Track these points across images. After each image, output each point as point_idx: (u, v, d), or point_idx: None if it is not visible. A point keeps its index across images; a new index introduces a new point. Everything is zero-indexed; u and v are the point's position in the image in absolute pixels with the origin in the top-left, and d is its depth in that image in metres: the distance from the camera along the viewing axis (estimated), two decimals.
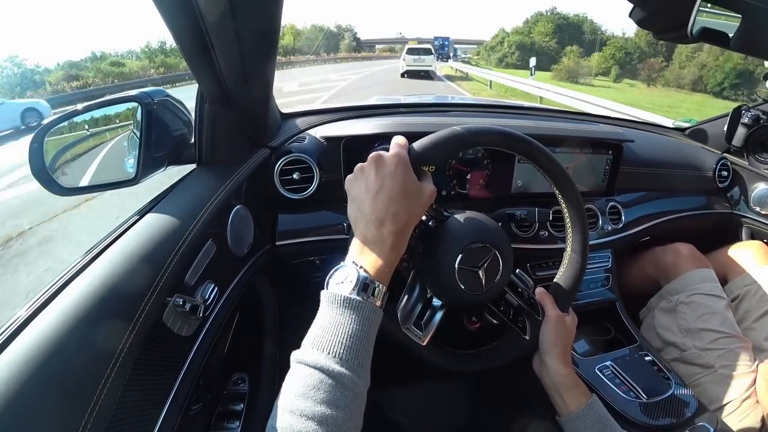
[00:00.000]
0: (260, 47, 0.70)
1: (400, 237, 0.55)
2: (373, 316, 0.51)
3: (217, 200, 0.72)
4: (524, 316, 0.75)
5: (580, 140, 1.19)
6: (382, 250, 0.54)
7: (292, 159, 0.97)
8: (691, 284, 1.19)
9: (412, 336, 0.71)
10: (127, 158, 0.76)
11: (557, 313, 0.73)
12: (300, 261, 1.02)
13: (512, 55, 51.27)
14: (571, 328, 0.74)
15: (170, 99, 0.79)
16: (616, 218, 1.26)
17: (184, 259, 0.60)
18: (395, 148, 0.59)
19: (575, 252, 0.74)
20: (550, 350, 0.72)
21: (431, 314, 0.73)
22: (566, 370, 0.71)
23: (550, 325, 0.72)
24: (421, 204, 0.59)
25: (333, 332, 0.48)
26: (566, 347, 0.72)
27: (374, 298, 0.52)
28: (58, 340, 0.43)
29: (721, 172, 1.47)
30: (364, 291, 0.51)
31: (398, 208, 0.55)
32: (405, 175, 0.57)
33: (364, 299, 0.51)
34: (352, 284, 0.51)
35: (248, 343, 0.91)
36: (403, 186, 0.56)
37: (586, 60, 38.49)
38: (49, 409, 0.40)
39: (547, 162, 0.70)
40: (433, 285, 0.73)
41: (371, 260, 0.53)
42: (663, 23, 0.94)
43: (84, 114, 0.72)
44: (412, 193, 0.57)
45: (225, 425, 0.80)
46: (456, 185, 1.11)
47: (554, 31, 53.35)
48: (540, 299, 0.75)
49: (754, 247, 1.30)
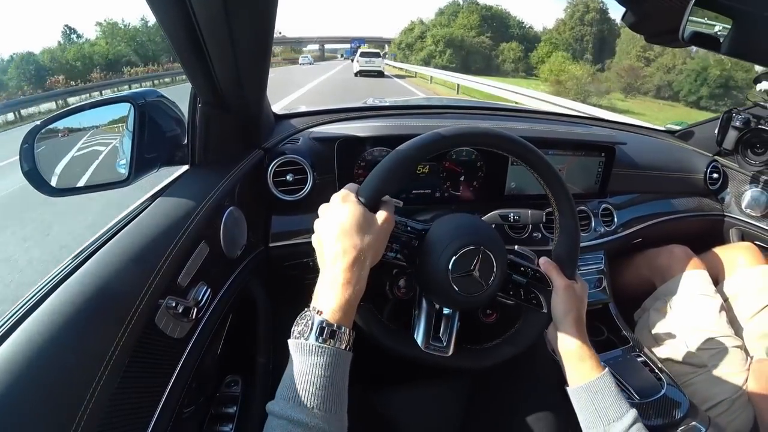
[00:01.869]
0: (254, 48, 0.70)
1: (351, 272, 0.54)
2: (337, 360, 0.51)
3: (210, 202, 0.72)
4: (536, 291, 0.74)
5: (573, 143, 1.20)
6: (336, 290, 0.54)
7: (285, 160, 0.97)
8: (686, 285, 1.20)
9: (437, 352, 0.71)
10: (119, 159, 0.75)
11: (565, 282, 0.71)
12: (293, 263, 1.01)
13: (442, 54, 43.44)
14: (582, 295, 0.72)
15: (163, 99, 0.78)
16: (609, 220, 1.27)
17: (176, 260, 0.60)
18: (343, 189, 0.62)
19: (565, 216, 0.72)
20: (563, 320, 0.70)
21: (447, 323, 0.73)
22: (581, 339, 0.69)
23: (560, 295, 0.70)
24: (374, 235, 0.58)
25: (298, 381, 0.49)
26: (579, 315, 0.70)
27: (334, 341, 0.51)
28: (50, 342, 0.43)
29: (712, 175, 1.49)
30: (323, 335, 0.51)
31: (347, 244, 0.55)
32: (352, 210, 0.57)
33: (324, 344, 0.50)
34: (310, 331, 0.51)
35: (241, 345, 0.90)
36: (349, 222, 0.56)
37: (603, 73, 29.60)
38: (40, 411, 0.40)
39: (502, 143, 0.69)
40: (437, 299, 0.73)
41: (327, 303, 0.53)
42: (655, 27, 0.95)
43: (76, 114, 0.71)
44: (361, 227, 0.57)
45: (218, 428, 0.79)
46: (449, 187, 1.12)
47: (479, 25, 46.75)
48: (545, 271, 0.73)
49: (744, 248, 1.32)
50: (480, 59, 41.58)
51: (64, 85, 22.96)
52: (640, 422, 0.63)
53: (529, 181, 1.15)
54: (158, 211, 0.66)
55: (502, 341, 0.77)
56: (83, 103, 0.72)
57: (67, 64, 35.60)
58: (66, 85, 22.82)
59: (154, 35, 40.56)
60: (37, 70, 33.06)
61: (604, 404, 0.64)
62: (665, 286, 1.24)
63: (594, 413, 0.65)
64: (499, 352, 0.76)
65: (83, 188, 0.74)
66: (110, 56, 37.69)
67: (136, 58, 36.85)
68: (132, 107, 0.72)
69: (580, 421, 0.67)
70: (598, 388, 0.65)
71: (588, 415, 0.66)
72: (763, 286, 1.18)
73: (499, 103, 2.01)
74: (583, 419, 0.67)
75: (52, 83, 25.21)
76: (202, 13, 0.57)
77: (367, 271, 0.57)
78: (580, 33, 43.48)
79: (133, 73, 29.31)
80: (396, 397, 0.99)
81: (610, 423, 0.63)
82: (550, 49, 39.26)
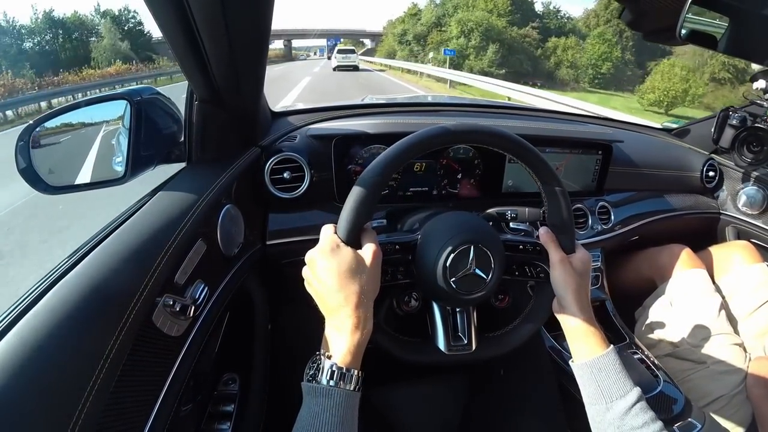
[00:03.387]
0: (251, 45, 0.70)
1: (357, 316, 0.56)
2: (347, 401, 0.53)
3: (207, 199, 0.72)
4: (542, 264, 0.73)
5: (570, 141, 1.20)
6: (344, 335, 0.56)
7: (282, 158, 0.96)
8: (687, 284, 1.21)
9: (461, 351, 0.72)
10: (115, 157, 0.75)
11: (559, 256, 0.69)
12: (291, 260, 1.01)
13: (480, 52, 27.42)
14: (581, 268, 0.70)
15: (160, 97, 0.78)
16: (606, 218, 1.27)
17: (173, 258, 0.60)
18: (321, 236, 0.62)
19: (548, 181, 0.70)
20: (563, 296, 0.69)
21: (463, 320, 0.74)
22: (582, 316, 0.68)
23: (557, 271, 0.69)
24: (368, 272, 0.59)
25: (310, 422, 0.52)
26: (578, 290, 0.69)
27: (344, 383, 0.54)
28: (46, 341, 0.43)
29: (708, 173, 1.49)
30: (333, 379, 0.54)
31: (346, 291, 0.57)
32: (337, 258, 0.58)
33: (334, 387, 0.53)
34: (321, 374, 0.54)
35: (239, 343, 0.90)
36: (341, 269, 0.57)
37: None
38: (37, 410, 0.40)
39: (454, 137, 0.68)
40: (444, 303, 0.73)
41: (336, 347, 0.56)
42: (652, 25, 0.95)
43: (72, 111, 0.71)
44: (353, 270, 0.58)
45: (215, 426, 0.79)
46: (447, 185, 1.12)
47: (510, 11, 30.07)
48: (544, 243, 0.72)
49: (740, 247, 1.33)
50: (525, 61, 28.19)
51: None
52: (643, 401, 0.63)
53: (526, 178, 1.15)
54: (155, 209, 0.66)
55: (520, 321, 0.78)
56: (79, 100, 0.71)
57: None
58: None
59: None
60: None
61: (608, 382, 0.64)
62: (666, 285, 1.25)
63: (597, 390, 0.65)
64: (521, 332, 0.77)
65: (79, 186, 0.73)
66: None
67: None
68: (128, 104, 0.72)
69: (584, 397, 0.67)
70: (601, 365, 0.65)
71: (591, 391, 0.66)
72: (759, 284, 1.19)
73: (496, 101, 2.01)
74: (586, 395, 0.66)
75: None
76: (198, 10, 0.57)
77: (371, 308, 0.59)
78: (619, 27, 28.36)
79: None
80: (394, 395, 0.99)
81: (612, 400, 0.63)
82: (605, 48, 27.13)
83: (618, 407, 0.62)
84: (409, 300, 0.86)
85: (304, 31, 66.64)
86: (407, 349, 0.72)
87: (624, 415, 0.62)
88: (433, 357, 0.72)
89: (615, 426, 0.62)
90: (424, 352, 0.73)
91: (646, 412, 0.62)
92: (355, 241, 0.61)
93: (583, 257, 0.71)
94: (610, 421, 0.63)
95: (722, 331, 1.11)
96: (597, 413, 0.65)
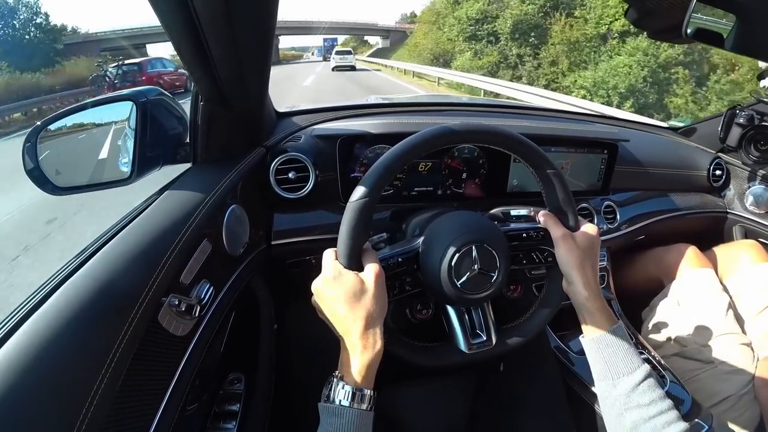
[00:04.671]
0: (255, 46, 0.70)
1: (366, 338, 0.58)
2: (360, 420, 0.55)
3: (213, 199, 0.72)
4: (548, 248, 0.73)
5: (576, 140, 1.20)
6: (355, 357, 0.57)
7: (287, 158, 0.97)
8: (695, 284, 1.20)
9: (482, 348, 0.72)
10: (121, 158, 0.76)
11: (561, 232, 0.69)
12: (296, 260, 1.01)
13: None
14: (585, 242, 0.69)
15: (165, 98, 0.78)
16: (612, 217, 1.26)
17: (179, 258, 0.60)
18: (323, 264, 0.63)
19: (541, 166, 0.70)
20: (568, 273, 0.69)
21: (479, 316, 0.74)
22: (587, 293, 0.68)
23: (560, 248, 0.69)
24: (372, 295, 0.59)
25: None
26: (583, 266, 0.68)
27: (355, 402, 0.56)
28: (53, 340, 0.43)
29: (715, 172, 1.48)
30: (347, 398, 0.55)
31: (354, 315, 0.58)
32: (340, 286, 0.59)
33: (347, 407, 0.55)
34: (335, 394, 0.56)
35: (244, 343, 0.90)
36: (344, 297, 0.58)
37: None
38: (45, 408, 0.40)
39: (440, 140, 0.67)
40: (458, 305, 0.73)
41: (349, 368, 0.57)
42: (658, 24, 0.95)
43: (78, 113, 0.72)
44: (357, 295, 0.59)
45: (221, 425, 0.80)
46: (451, 184, 1.12)
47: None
48: (545, 225, 0.72)
49: (748, 246, 1.31)
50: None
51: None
52: (652, 378, 0.63)
53: (531, 177, 1.15)
54: (161, 209, 0.67)
55: (537, 307, 0.78)
56: (86, 101, 0.72)
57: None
58: None
59: None
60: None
61: (614, 358, 0.64)
62: (674, 284, 1.24)
63: (604, 366, 0.65)
64: (538, 318, 0.77)
65: (86, 187, 0.74)
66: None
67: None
68: (134, 106, 0.72)
69: (593, 374, 0.67)
70: (608, 342, 0.65)
71: (599, 368, 0.66)
72: (767, 283, 1.18)
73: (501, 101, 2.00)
74: (595, 372, 0.67)
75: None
76: (203, 11, 0.57)
77: (380, 328, 0.59)
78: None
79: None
80: (400, 395, 0.99)
81: (619, 377, 0.63)
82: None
83: (625, 384, 0.62)
84: (422, 308, 0.86)
85: (296, 24, 53.26)
86: (428, 355, 0.72)
87: (631, 392, 0.62)
88: (455, 358, 0.72)
89: (621, 403, 0.62)
90: (445, 356, 0.73)
91: (654, 390, 0.62)
92: (356, 264, 0.62)
93: (588, 231, 0.71)
94: (617, 397, 0.63)
95: (730, 330, 1.10)
96: (604, 389, 0.65)
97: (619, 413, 0.62)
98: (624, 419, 0.61)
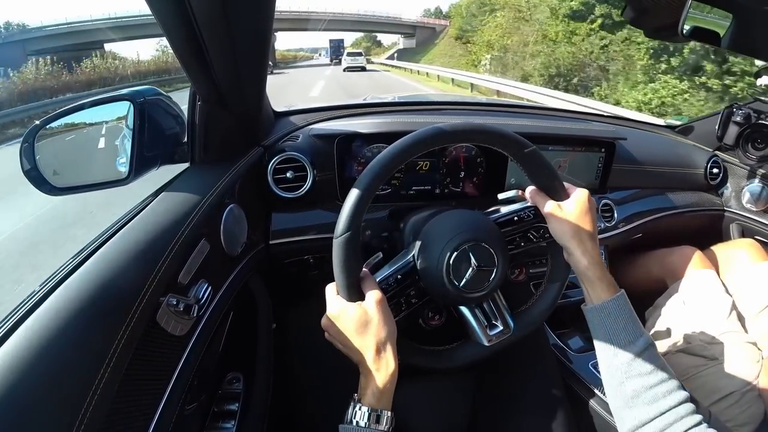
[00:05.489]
0: (252, 46, 0.70)
1: (379, 362, 0.60)
2: None
3: (210, 199, 0.72)
4: (542, 225, 0.73)
5: (573, 138, 1.20)
6: (371, 381, 0.60)
7: (285, 158, 0.97)
8: (699, 284, 1.21)
9: (502, 337, 0.72)
10: (119, 158, 0.76)
11: (549, 206, 0.69)
12: (294, 260, 1.01)
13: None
14: (576, 211, 0.68)
15: (162, 98, 0.78)
16: (609, 216, 1.27)
17: (177, 258, 0.60)
18: (327, 300, 0.65)
19: (516, 147, 0.69)
20: (566, 245, 0.69)
21: (491, 307, 0.74)
22: (586, 261, 0.67)
23: (552, 222, 0.69)
24: (378, 321, 0.61)
25: None
26: (578, 233, 0.67)
27: (371, 422, 0.58)
28: (52, 340, 0.43)
29: (712, 170, 1.49)
30: (365, 419, 0.58)
31: (364, 344, 0.60)
32: (345, 319, 0.61)
33: (363, 427, 0.57)
34: (353, 416, 0.58)
35: (243, 342, 0.90)
36: (352, 329, 0.61)
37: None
38: (43, 408, 0.40)
39: (431, 141, 0.67)
40: (464, 304, 0.73)
41: (367, 391, 0.60)
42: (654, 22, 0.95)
43: (75, 113, 0.71)
44: (363, 325, 0.60)
45: (220, 425, 0.80)
46: (449, 183, 1.12)
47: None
48: (533, 202, 0.72)
49: (746, 245, 1.32)
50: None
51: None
52: (653, 348, 0.63)
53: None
54: (158, 209, 0.67)
55: (545, 285, 0.78)
56: (83, 101, 0.72)
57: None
58: None
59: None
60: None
61: (615, 327, 0.64)
62: (678, 285, 1.24)
63: (605, 335, 0.64)
64: (549, 295, 0.77)
65: (83, 187, 0.74)
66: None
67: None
68: (131, 105, 0.72)
69: (594, 343, 0.67)
70: (609, 310, 0.65)
71: (600, 336, 0.66)
72: (766, 282, 1.18)
73: (498, 100, 2.00)
74: (596, 342, 0.67)
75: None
76: (200, 11, 0.57)
77: (392, 349, 0.61)
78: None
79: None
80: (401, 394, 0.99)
81: (621, 346, 0.63)
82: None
83: (626, 352, 0.62)
84: (433, 315, 0.86)
85: (290, 16, 45.39)
86: (452, 357, 0.73)
87: (632, 361, 0.61)
88: (478, 353, 0.73)
89: (622, 371, 0.62)
90: (469, 353, 0.74)
91: (656, 359, 0.62)
92: (357, 294, 0.63)
93: (578, 198, 0.70)
94: (618, 366, 0.63)
95: (734, 329, 1.10)
96: (605, 359, 0.65)
97: (619, 382, 0.62)
98: (625, 388, 0.61)
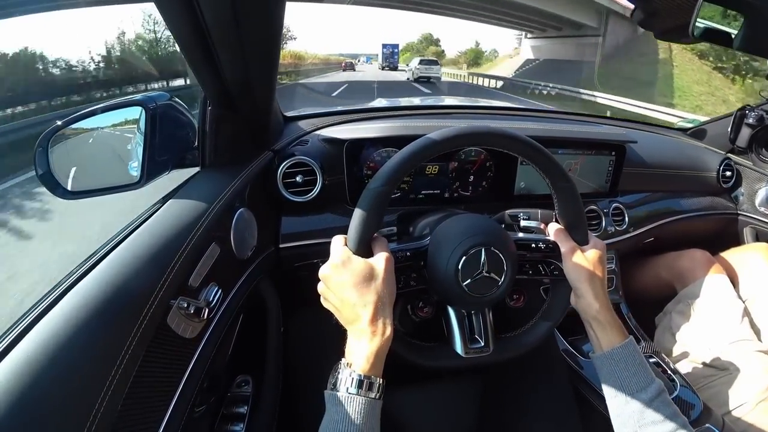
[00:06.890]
0: (262, 51, 0.71)
1: (376, 324, 0.57)
2: (368, 408, 0.54)
3: (221, 203, 0.73)
4: (554, 261, 0.73)
5: (583, 142, 1.19)
6: (364, 344, 0.56)
7: (295, 162, 0.97)
8: (709, 289, 1.19)
9: (478, 354, 0.71)
10: (131, 162, 0.77)
11: (570, 246, 0.69)
12: (303, 264, 1.02)
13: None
14: (594, 258, 0.69)
15: (174, 103, 0.79)
16: (620, 220, 1.25)
17: (188, 261, 0.61)
18: (332, 249, 0.62)
19: (557, 178, 0.69)
20: (578, 287, 0.68)
21: (479, 321, 0.73)
22: (597, 305, 0.66)
23: (569, 262, 0.69)
24: (382, 279, 0.59)
25: (332, 428, 0.52)
26: (592, 279, 0.67)
27: (365, 390, 0.54)
28: (64, 342, 0.44)
29: (725, 173, 1.47)
30: (354, 386, 0.54)
31: (363, 300, 0.57)
32: (349, 270, 0.58)
33: (355, 395, 0.54)
34: (342, 382, 0.55)
35: (252, 345, 0.91)
36: (355, 279, 0.58)
37: None
38: (55, 409, 0.41)
39: (473, 138, 0.68)
40: (458, 306, 0.73)
41: (357, 355, 0.56)
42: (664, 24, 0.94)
43: (88, 118, 0.72)
44: (367, 279, 0.58)
45: (228, 427, 0.80)
46: (458, 187, 1.11)
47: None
48: (555, 238, 0.71)
49: (761, 249, 1.29)
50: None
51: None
52: (665, 394, 0.62)
53: (538, 180, 1.15)
54: (170, 213, 0.67)
55: (537, 319, 0.77)
56: (96, 107, 0.73)
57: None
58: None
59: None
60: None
61: (627, 374, 0.63)
62: (688, 290, 1.22)
63: (616, 382, 0.63)
64: (537, 331, 0.76)
65: (96, 191, 0.75)
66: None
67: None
68: (143, 111, 0.73)
69: (604, 391, 0.66)
70: (619, 357, 0.64)
71: (611, 383, 0.64)
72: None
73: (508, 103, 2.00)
74: (606, 389, 0.65)
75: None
76: (210, 17, 0.58)
77: (389, 314, 0.59)
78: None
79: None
80: (407, 399, 0.98)
81: (632, 393, 0.61)
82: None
83: (638, 400, 0.61)
84: (423, 306, 0.85)
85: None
86: (424, 354, 0.72)
87: (644, 408, 0.60)
88: (451, 361, 0.72)
89: (635, 420, 0.61)
90: (442, 357, 0.72)
91: (668, 406, 0.61)
92: (366, 251, 0.61)
93: (596, 246, 0.70)
94: (630, 414, 0.61)
95: (746, 337, 1.08)
96: (617, 406, 0.63)
97: (633, 431, 0.61)
98: None
